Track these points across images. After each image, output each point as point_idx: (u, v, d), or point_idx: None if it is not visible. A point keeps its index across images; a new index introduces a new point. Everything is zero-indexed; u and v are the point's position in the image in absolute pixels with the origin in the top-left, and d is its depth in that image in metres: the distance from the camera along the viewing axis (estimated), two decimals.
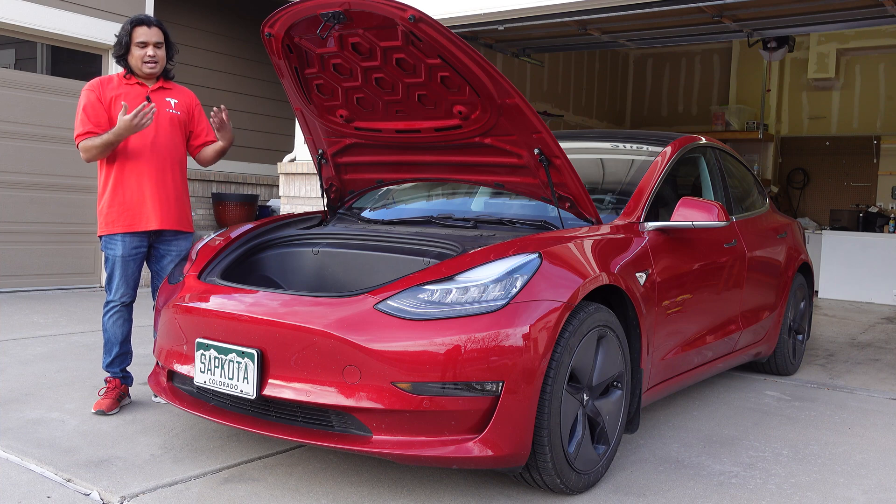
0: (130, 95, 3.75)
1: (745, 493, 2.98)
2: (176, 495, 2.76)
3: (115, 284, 3.74)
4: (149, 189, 3.71)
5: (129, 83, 3.80)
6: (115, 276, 3.73)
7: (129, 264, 3.74)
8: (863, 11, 6.70)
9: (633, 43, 8.85)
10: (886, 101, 11.54)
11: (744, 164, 5.09)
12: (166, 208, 3.77)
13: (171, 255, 3.85)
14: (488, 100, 3.00)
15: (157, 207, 3.73)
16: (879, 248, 9.08)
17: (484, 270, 2.71)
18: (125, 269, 3.74)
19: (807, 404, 4.36)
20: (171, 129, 3.83)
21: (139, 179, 3.71)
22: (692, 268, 3.75)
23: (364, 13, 2.87)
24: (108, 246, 3.74)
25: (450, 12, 6.59)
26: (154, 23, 3.80)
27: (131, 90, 3.79)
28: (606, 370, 2.98)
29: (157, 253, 3.85)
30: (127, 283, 3.76)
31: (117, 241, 3.71)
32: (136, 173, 3.71)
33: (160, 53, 3.78)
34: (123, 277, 3.74)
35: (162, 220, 3.76)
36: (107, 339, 3.81)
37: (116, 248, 3.71)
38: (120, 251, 3.71)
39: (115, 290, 3.75)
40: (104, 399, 3.70)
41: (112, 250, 3.72)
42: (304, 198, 7.50)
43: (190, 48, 9.92)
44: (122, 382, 3.82)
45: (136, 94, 3.77)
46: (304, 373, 2.67)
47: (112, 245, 3.72)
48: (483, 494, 2.86)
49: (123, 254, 3.71)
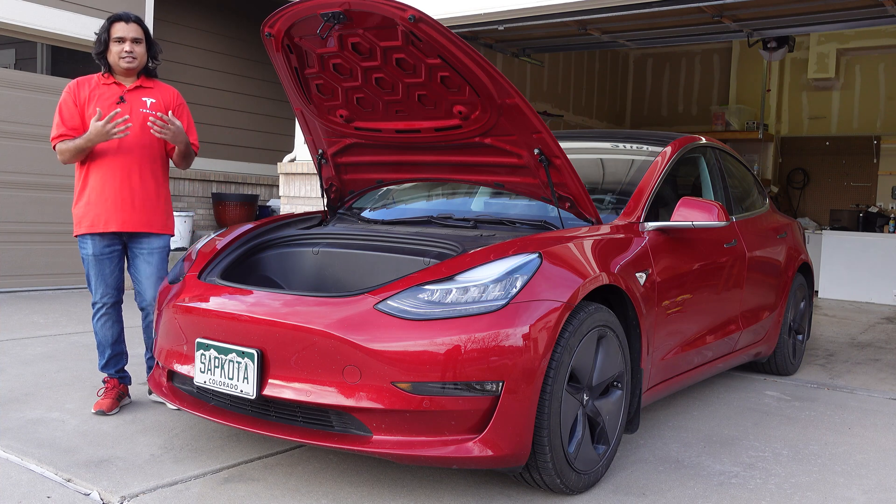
0: (105, 95, 3.69)
1: (745, 493, 2.98)
2: (176, 495, 2.76)
3: (93, 285, 3.73)
4: (111, 190, 3.66)
5: (107, 83, 3.73)
6: (92, 276, 3.72)
7: (104, 264, 3.70)
8: (863, 11, 6.70)
9: (633, 43, 8.85)
10: (886, 101, 11.53)
11: (744, 164, 5.09)
12: (129, 210, 3.68)
13: (142, 256, 3.76)
14: (488, 100, 3.00)
15: (117, 209, 3.66)
16: (879, 248, 9.08)
17: (484, 270, 2.71)
18: (100, 268, 3.70)
19: (807, 404, 4.36)
20: (143, 129, 3.70)
21: (104, 180, 3.66)
22: (692, 268, 3.75)
23: (364, 13, 2.87)
24: (81, 246, 3.72)
25: (450, 12, 6.59)
26: (132, 19, 3.74)
27: (107, 90, 3.72)
28: (606, 370, 2.98)
29: (130, 254, 3.80)
30: (105, 283, 3.72)
31: (87, 242, 3.69)
32: (101, 174, 3.67)
33: (138, 49, 3.71)
34: (100, 277, 3.71)
35: (123, 223, 3.68)
36: (98, 342, 3.80)
37: (88, 248, 3.69)
38: (91, 250, 3.68)
39: (95, 290, 3.73)
40: (104, 399, 3.70)
41: (84, 250, 3.70)
42: (304, 198, 7.50)
43: (190, 48, 9.92)
44: (119, 382, 3.81)
45: (111, 94, 3.71)
46: (304, 373, 2.67)
47: (84, 245, 3.70)
48: (483, 494, 2.86)
49: (95, 253, 3.68)
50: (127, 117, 3.56)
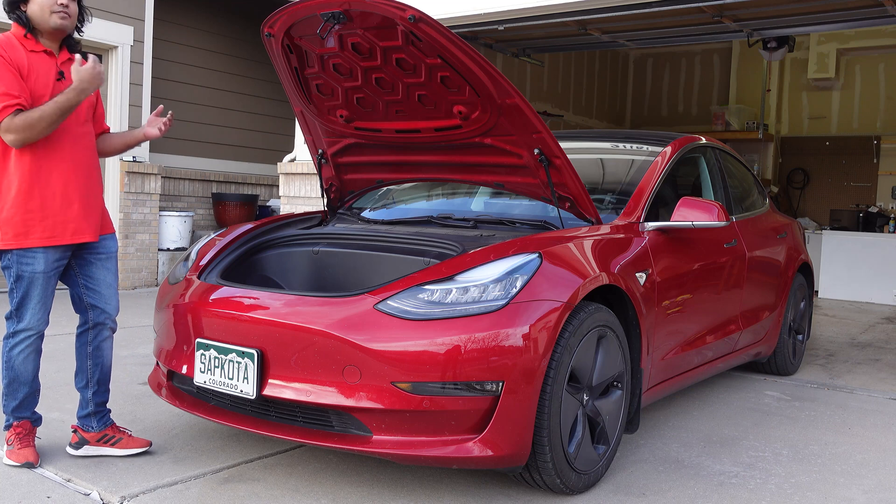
0: (40, 66, 2.91)
1: (745, 493, 2.98)
2: (176, 495, 2.76)
3: (29, 309, 2.97)
4: (77, 191, 2.98)
5: (35, 49, 2.92)
6: (32, 297, 2.96)
7: (51, 282, 3.00)
8: (863, 11, 6.70)
9: (633, 43, 8.85)
10: (886, 101, 11.53)
11: (744, 164, 5.09)
12: (97, 214, 3.08)
13: (99, 262, 3.13)
14: (488, 100, 3.00)
15: (88, 214, 3.03)
16: (879, 248, 9.08)
17: (484, 270, 2.71)
18: (46, 288, 2.98)
19: (807, 404, 4.36)
20: (87, 114, 3.07)
21: (65, 178, 2.95)
22: (692, 268, 3.75)
23: (364, 13, 2.87)
24: (21, 261, 2.93)
25: (450, 12, 6.59)
26: None
27: (38, 60, 2.91)
28: (606, 370, 2.98)
29: (78, 262, 3.11)
30: (45, 306, 3.01)
31: (37, 256, 2.94)
32: (58, 169, 2.94)
33: (73, 6, 2.96)
34: (42, 300, 2.98)
35: (94, 230, 3.06)
36: (13, 378, 3.01)
37: (35, 264, 2.94)
38: (41, 267, 2.95)
39: (31, 315, 2.98)
40: (24, 448, 3.02)
41: (29, 266, 2.94)
42: (304, 198, 7.50)
43: (190, 48, 9.92)
44: (33, 425, 3.11)
45: (47, 66, 2.93)
46: (304, 373, 2.67)
47: (28, 260, 2.93)
48: (483, 494, 2.86)
49: (45, 270, 2.96)
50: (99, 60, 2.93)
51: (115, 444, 3.14)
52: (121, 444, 3.14)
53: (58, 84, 2.93)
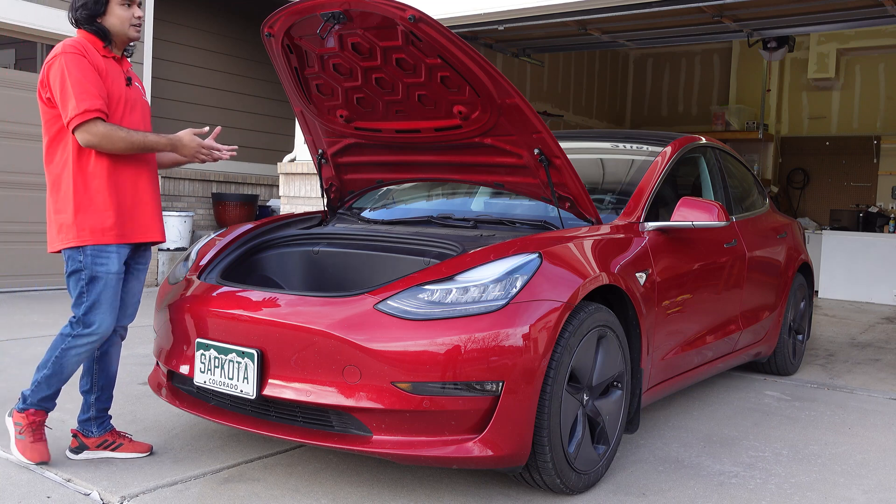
0: (114, 74, 2.96)
1: (745, 493, 2.98)
2: (176, 495, 2.76)
3: (100, 313, 2.90)
4: (147, 192, 3.05)
5: (107, 56, 2.96)
6: (104, 301, 2.90)
7: (119, 284, 2.96)
8: (863, 11, 6.70)
9: (633, 43, 8.85)
10: (886, 101, 11.53)
11: (744, 164, 5.09)
12: (161, 215, 3.14)
13: (138, 271, 3.13)
14: (488, 100, 3.00)
15: (156, 215, 3.09)
16: (879, 248, 9.08)
17: (484, 270, 2.71)
18: (116, 290, 2.95)
19: (807, 404, 4.36)
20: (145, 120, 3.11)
21: (137, 179, 3.01)
22: (692, 268, 3.75)
23: (364, 13, 2.87)
24: (97, 261, 2.89)
25: (450, 12, 6.59)
26: None
27: (111, 67, 2.96)
28: (606, 370, 2.98)
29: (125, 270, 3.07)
30: (115, 310, 2.96)
31: (112, 255, 2.91)
32: (133, 171, 2.99)
33: None
34: (112, 303, 2.94)
35: (162, 230, 3.12)
36: (55, 373, 2.95)
37: (111, 263, 2.91)
38: (115, 267, 2.92)
39: (102, 320, 2.91)
40: (36, 443, 2.99)
41: (104, 266, 2.90)
42: (304, 198, 7.50)
43: (190, 48, 9.92)
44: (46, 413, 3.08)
45: (117, 73, 2.98)
46: (304, 373, 2.67)
47: (104, 260, 2.90)
48: (483, 494, 2.86)
49: (118, 270, 2.94)
50: (236, 147, 3.14)
51: (116, 448, 3.13)
52: (121, 448, 3.13)
53: (128, 90, 3.01)
